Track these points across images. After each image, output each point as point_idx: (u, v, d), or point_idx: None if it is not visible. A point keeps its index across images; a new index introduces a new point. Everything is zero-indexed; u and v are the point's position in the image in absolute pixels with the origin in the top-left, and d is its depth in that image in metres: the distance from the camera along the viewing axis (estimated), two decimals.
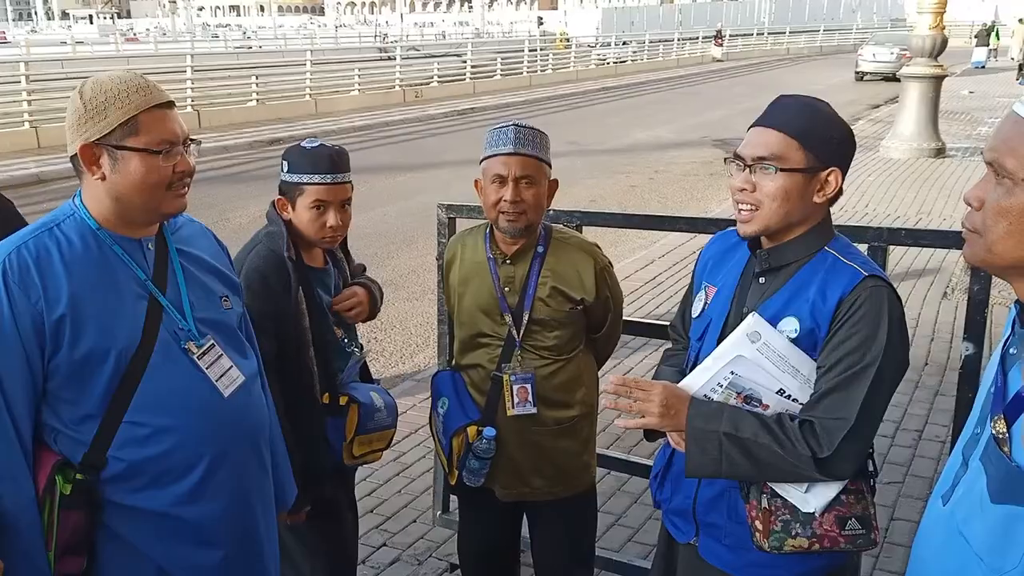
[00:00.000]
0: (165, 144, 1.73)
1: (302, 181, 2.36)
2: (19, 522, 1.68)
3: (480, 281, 2.48)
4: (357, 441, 2.46)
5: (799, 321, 1.78)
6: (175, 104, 1.80)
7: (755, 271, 1.89)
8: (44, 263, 1.70)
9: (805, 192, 1.79)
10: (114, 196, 1.75)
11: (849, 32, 51.86)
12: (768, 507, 1.80)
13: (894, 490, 3.99)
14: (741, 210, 1.83)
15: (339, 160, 2.39)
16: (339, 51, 36.24)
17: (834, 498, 1.78)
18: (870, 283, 1.75)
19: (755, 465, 1.76)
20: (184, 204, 1.83)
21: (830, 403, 1.73)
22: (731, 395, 1.81)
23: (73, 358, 1.70)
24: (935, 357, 5.64)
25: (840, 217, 9.72)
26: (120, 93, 1.71)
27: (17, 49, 36.84)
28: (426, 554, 3.56)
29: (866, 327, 1.73)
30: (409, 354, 6.12)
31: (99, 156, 1.72)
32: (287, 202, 2.40)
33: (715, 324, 1.93)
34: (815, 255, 1.83)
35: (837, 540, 1.78)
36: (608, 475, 3.93)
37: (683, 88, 27.68)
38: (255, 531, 1.98)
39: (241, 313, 2.04)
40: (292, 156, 2.39)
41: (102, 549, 1.79)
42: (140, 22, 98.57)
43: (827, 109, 1.85)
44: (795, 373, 1.78)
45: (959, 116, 18.34)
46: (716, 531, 1.92)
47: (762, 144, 1.79)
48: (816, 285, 1.79)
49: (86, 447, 1.74)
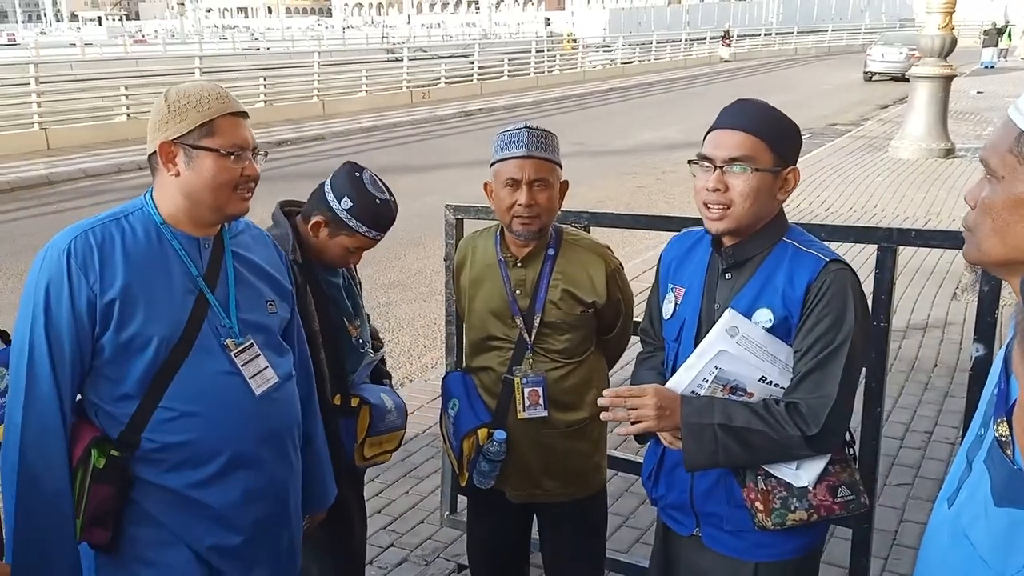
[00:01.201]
0: (236, 148, 1.87)
1: (357, 229, 2.35)
2: (49, 485, 1.79)
3: (491, 284, 2.48)
4: (368, 443, 2.46)
5: (772, 311, 1.88)
6: (248, 115, 1.95)
7: (721, 268, 1.97)
8: (107, 249, 1.83)
9: (771, 190, 1.89)
10: (185, 192, 1.88)
11: (857, 32, 51.69)
12: (765, 487, 1.90)
13: (903, 492, 3.98)
14: (711, 209, 1.89)
15: (394, 220, 2.42)
16: (346, 52, 36.28)
17: (823, 470, 1.89)
18: (832, 267, 1.86)
19: (749, 451, 1.86)
20: (247, 207, 1.95)
21: (811, 383, 1.84)
22: (718, 388, 1.90)
23: (118, 340, 1.82)
24: (944, 359, 5.62)
25: (849, 217, 9.73)
26: (201, 98, 1.86)
27: (26, 51, 37.06)
28: (434, 555, 3.57)
29: (835, 309, 1.83)
30: (416, 355, 6.14)
31: (176, 154, 1.86)
32: (324, 227, 2.37)
33: (689, 323, 2.01)
34: (775, 246, 1.92)
35: (832, 508, 1.90)
36: (616, 476, 3.93)
37: (691, 88, 27.64)
38: (277, 524, 2.06)
39: (287, 318, 2.11)
40: (359, 200, 2.34)
41: (128, 522, 1.90)
42: (149, 24, 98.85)
43: (780, 112, 1.95)
44: (774, 360, 1.88)
45: (968, 116, 18.28)
46: (717, 519, 2.00)
47: (734, 145, 1.86)
48: (783, 274, 1.89)
49: (123, 426, 1.86)
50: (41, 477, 1.79)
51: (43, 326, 1.78)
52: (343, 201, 2.35)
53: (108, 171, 13.62)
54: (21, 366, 1.80)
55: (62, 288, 1.79)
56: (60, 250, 1.81)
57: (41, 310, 1.79)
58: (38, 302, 1.79)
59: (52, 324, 1.79)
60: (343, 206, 2.34)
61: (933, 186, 11.20)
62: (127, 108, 17.17)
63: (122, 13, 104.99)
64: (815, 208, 10.05)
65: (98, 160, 14.16)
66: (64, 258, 1.79)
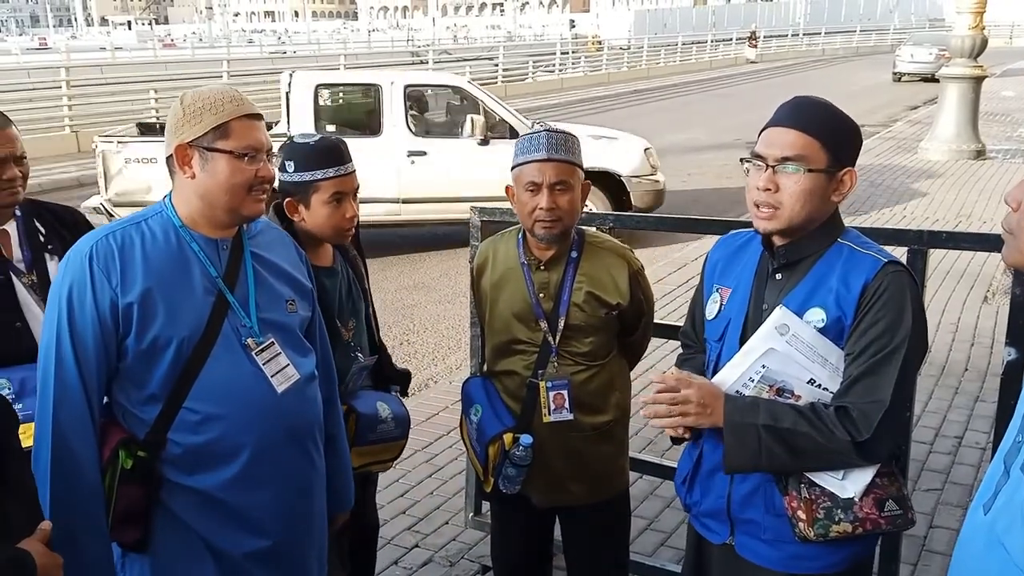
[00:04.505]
0: (251, 149, 1.88)
1: (316, 178, 2.32)
2: (81, 485, 1.81)
3: (514, 287, 2.47)
4: (356, 452, 2.39)
5: (825, 311, 1.80)
6: (263, 117, 1.96)
7: (771, 268, 1.91)
8: (127, 252, 1.85)
9: (825, 192, 1.82)
10: (201, 194, 1.89)
11: (886, 33, 51.18)
12: (808, 496, 1.81)
13: (933, 497, 3.93)
14: (761, 210, 1.83)
15: (346, 150, 2.39)
16: (372, 55, 36.48)
17: (870, 482, 1.81)
18: (890, 269, 1.79)
19: (795, 455, 1.78)
20: (262, 208, 1.96)
21: (863, 387, 1.76)
22: (763, 388, 1.83)
23: (141, 342, 1.84)
24: (975, 363, 5.54)
25: (878, 220, 9.63)
26: (216, 101, 1.87)
27: (58, 55, 37.54)
28: (458, 556, 3.57)
29: (891, 312, 1.76)
30: (441, 356, 6.14)
31: (191, 156, 1.87)
32: (297, 203, 2.36)
33: (735, 323, 1.94)
34: (830, 248, 1.86)
35: (878, 522, 1.81)
36: (640, 479, 3.91)
37: (717, 90, 27.49)
38: (302, 525, 2.06)
39: (307, 317, 2.11)
40: (297, 154, 2.34)
41: (156, 523, 1.91)
42: (177, 28, 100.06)
43: (839, 110, 1.87)
44: (824, 362, 1.81)
45: (999, 117, 18.03)
46: (754, 527, 1.92)
47: (787, 144, 1.79)
48: (837, 275, 1.82)
49: (148, 427, 1.88)
50: (73, 478, 1.80)
51: (68, 330, 1.80)
52: (288, 166, 2.35)
53: None
54: (49, 370, 1.81)
55: (85, 291, 1.81)
56: (82, 254, 1.83)
57: (65, 314, 1.81)
58: (62, 306, 1.81)
59: (77, 327, 1.81)
60: (290, 170, 2.35)
61: (963, 188, 11.06)
62: (156, 111, 17.36)
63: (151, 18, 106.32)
64: (843, 209, 9.95)
65: None
66: (86, 262, 1.82)
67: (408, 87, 8.66)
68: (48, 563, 1.51)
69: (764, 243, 1.92)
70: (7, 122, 2.33)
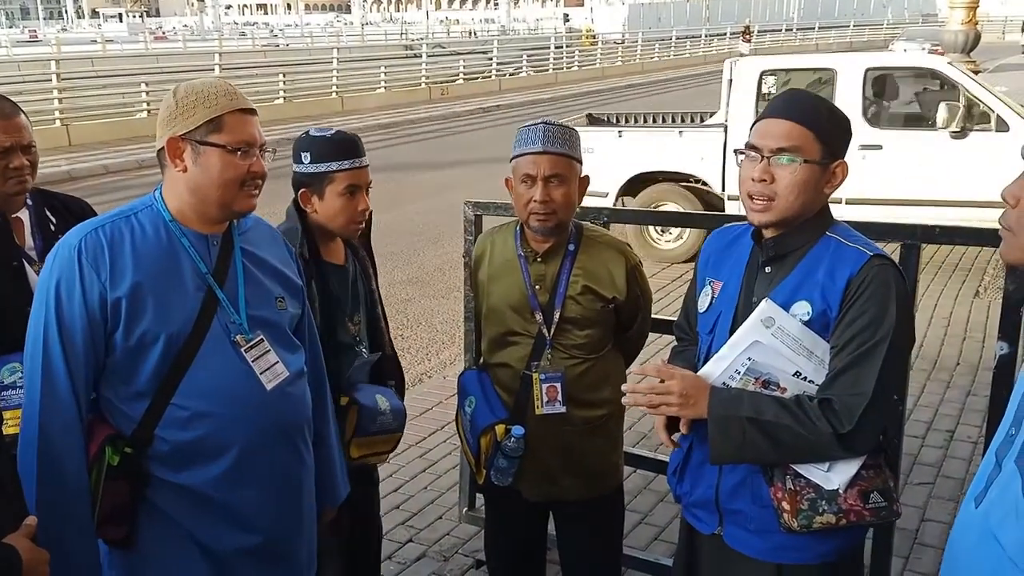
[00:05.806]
0: (243, 144, 1.86)
1: (332, 169, 2.34)
2: (67, 481, 1.79)
3: (510, 279, 2.47)
4: (355, 443, 2.40)
5: (811, 304, 1.82)
6: (257, 112, 1.93)
7: (760, 261, 1.92)
8: (116, 246, 1.83)
9: (818, 183, 1.84)
10: (192, 188, 1.87)
11: (879, 27, 51.23)
12: (793, 488, 1.83)
13: (924, 491, 3.94)
14: (755, 201, 1.84)
15: (360, 144, 2.41)
16: (365, 49, 36.39)
17: (855, 474, 1.83)
18: (876, 262, 1.80)
19: (778, 447, 1.80)
20: (254, 204, 1.94)
21: (847, 380, 1.78)
22: (749, 381, 1.85)
23: (128, 337, 1.81)
24: (967, 357, 5.57)
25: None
26: (209, 95, 1.85)
27: (48, 48, 37.37)
28: (452, 550, 3.57)
29: (876, 305, 1.77)
30: (435, 351, 6.14)
31: (183, 150, 1.85)
32: (311, 194, 2.37)
33: (725, 316, 1.96)
34: (818, 241, 1.87)
35: (862, 514, 1.83)
36: (634, 473, 3.92)
37: (711, 85, 27.46)
38: (292, 521, 2.05)
39: (296, 315, 2.10)
40: (314, 146, 2.36)
41: (143, 519, 1.89)
42: (169, 20, 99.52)
43: (831, 103, 1.90)
44: (809, 355, 1.83)
45: None
46: (741, 518, 1.94)
47: (782, 135, 1.81)
48: (824, 268, 1.83)
49: (136, 423, 1.86)
50: (59, 474, 1.78)
51: (56, 324, 1.78)
52: (304, 158, 2.37)
53: (129, 167, 13.75)
54: (36, 364, 1.79)
55: (73, 285, 1.79)
56: (71, 247, 1.80)
57: (53, 308, 1.78)
58: (50, 300, 1.79)
59: (65, 321, 1.78)
60: (306, 162, 2.36)
61: None
62: (148, 104, 17.31)
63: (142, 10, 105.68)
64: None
65: (119, 156, 14.31)
66: (75, 255, 1.79)
67: (869, 70, 7.52)
68: (34, 558, 1.50)
69: (754, 236, 1.94)
70: (16, 110, 2.31)
